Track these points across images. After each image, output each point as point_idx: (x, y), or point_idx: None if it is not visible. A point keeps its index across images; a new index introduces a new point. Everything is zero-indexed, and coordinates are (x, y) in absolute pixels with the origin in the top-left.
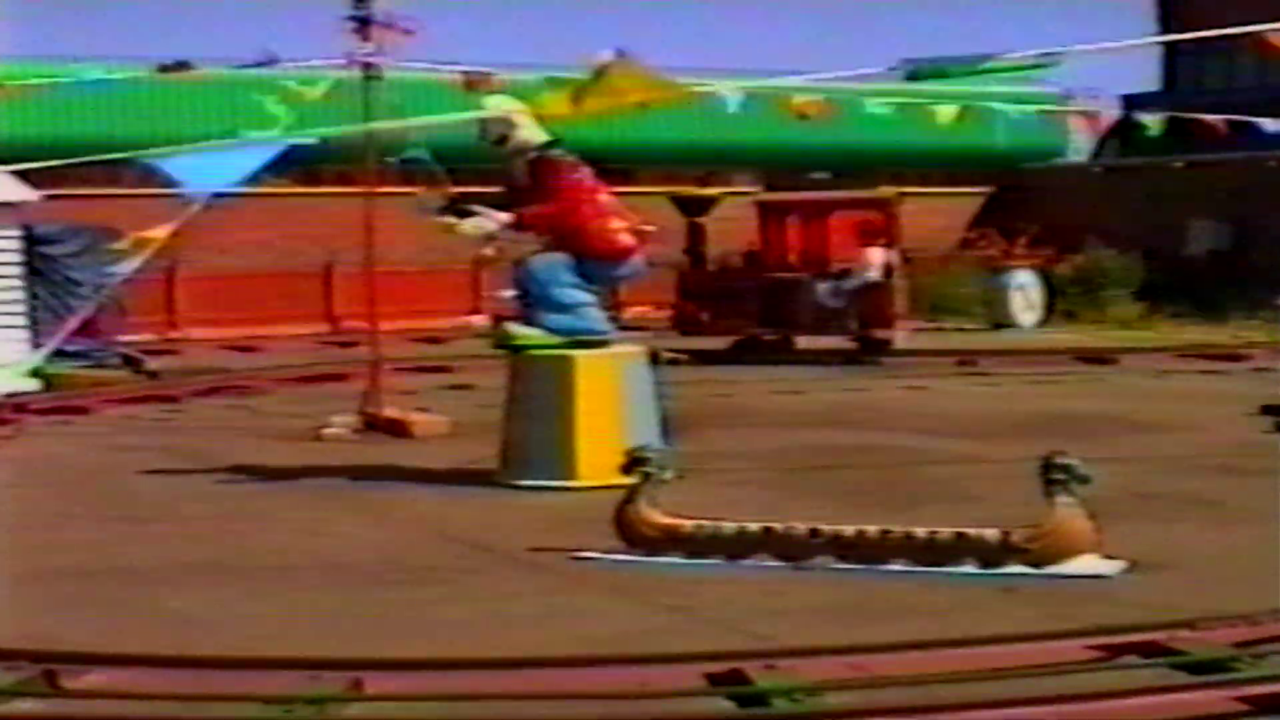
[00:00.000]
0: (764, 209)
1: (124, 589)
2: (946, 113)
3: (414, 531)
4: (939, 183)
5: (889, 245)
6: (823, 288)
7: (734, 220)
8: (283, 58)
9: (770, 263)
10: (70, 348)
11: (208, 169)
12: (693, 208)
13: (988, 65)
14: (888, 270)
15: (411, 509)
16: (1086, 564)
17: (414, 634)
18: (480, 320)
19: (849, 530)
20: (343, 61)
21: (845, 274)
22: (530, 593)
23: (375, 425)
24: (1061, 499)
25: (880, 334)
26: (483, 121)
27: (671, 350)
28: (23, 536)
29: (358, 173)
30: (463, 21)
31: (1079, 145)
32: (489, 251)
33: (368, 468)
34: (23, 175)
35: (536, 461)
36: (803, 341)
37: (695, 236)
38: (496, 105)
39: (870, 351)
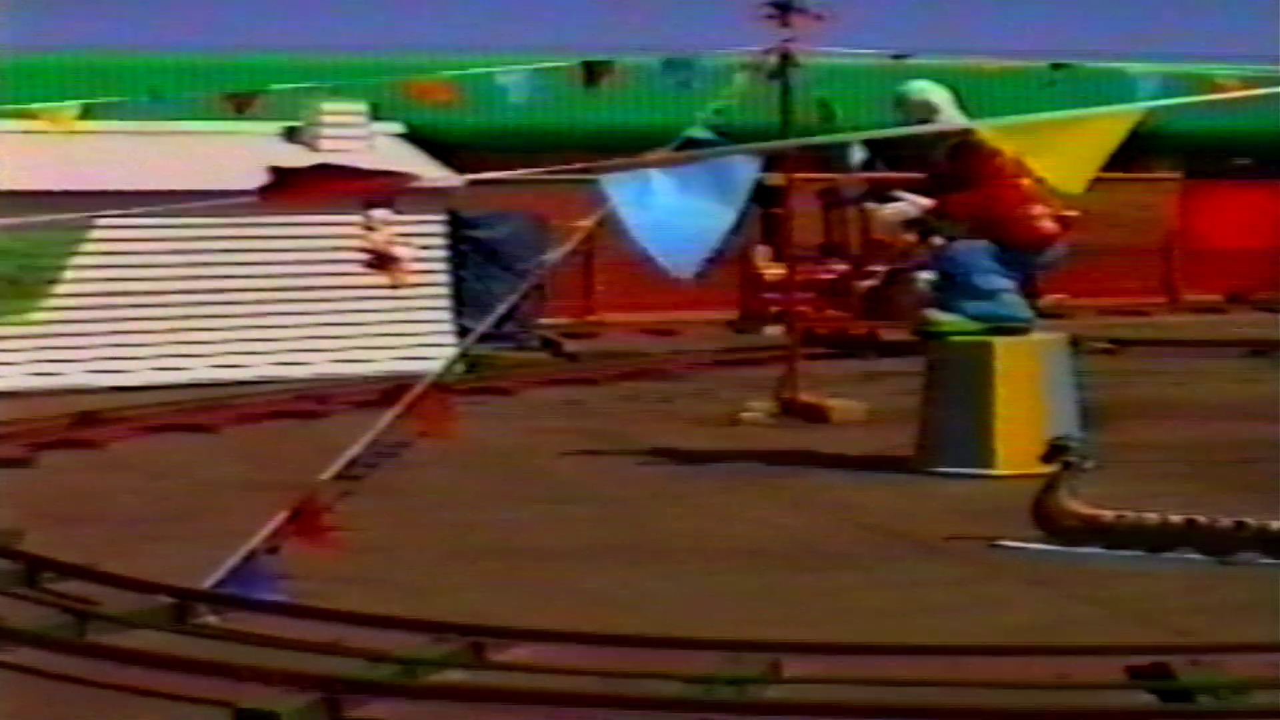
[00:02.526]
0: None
1: (542, 567)
2: None
3: (829, 517)
4: None
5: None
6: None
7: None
8: (700, 46)
9: (835, 253)
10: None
11: (673, 215)
12: (764, 198)
13: None
14: None
15: (827, 494)
16: None
17: (830, 618)
18: None
19: (1276, 525)
20: (758, 49)
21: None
22: (946, 580)
23: (792, 410)
24: None
25: None
26: (904, 107)
27: (1102, 341)
28: (446, 515)
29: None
30: (879, 5)
31: None
32: (909, 238)
33: (784, 453)
34: (450, 163)
35: (954, 449)
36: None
37: (771, 227)
38: (919, 90)
39: None
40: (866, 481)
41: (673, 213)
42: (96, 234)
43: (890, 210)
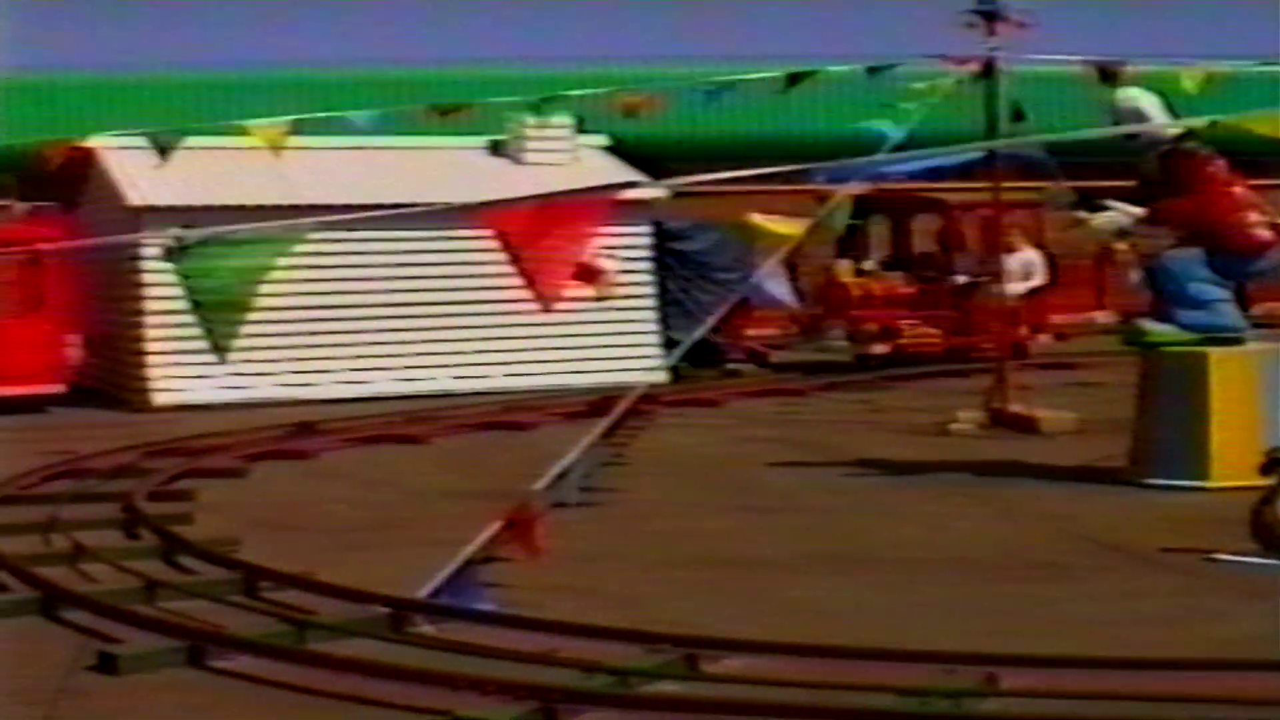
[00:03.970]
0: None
1: (753, 577)
2: None
3: (1040, 528)
4: None
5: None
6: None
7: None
8: (903, 54)
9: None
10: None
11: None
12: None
13: None
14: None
15: (1038, 505)
16: None
17: (1043, 630)
18: (1105, 317)
19: None
20: (962, 57)
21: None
22: (1161, 592)
23: (1001, 421)
24: None
25: (1042, 339)
26: (1115, 114)
27: None
28: (656, 524)
29: (980, 171)
30: (1084, 12)
31: None
32: (1121, 246)
33: (993, 463)
34: (656, 175)
35: (1168, 460)
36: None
37: (851, 239)
38: (1129, 97)
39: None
40: (1078, 492)
41: None
42: (316, 247)
43: (1102, 219)
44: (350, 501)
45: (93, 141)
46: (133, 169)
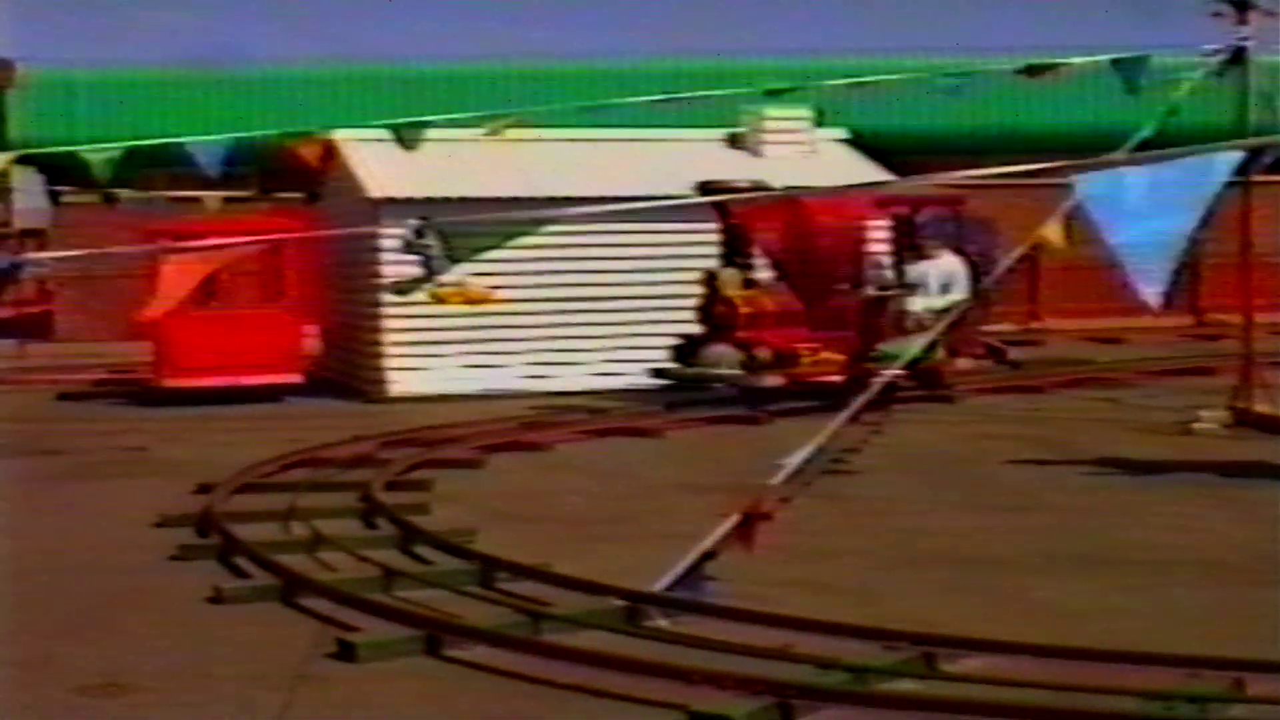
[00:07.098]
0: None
1: (992, 576)
2: None
3: None
4: None
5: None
6: (922, 305)
7: None
8: (1149, 45)
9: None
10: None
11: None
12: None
13: None
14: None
15: None
16: None
17: None
18: None
19: None
20: (1210, 47)
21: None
22: None
23: (1246, 421)
24: None
25: (961, 364)
26: None
27: None
28: (894, 520)
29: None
30: None
31: None
32: None
33: (1238, 463)
34: (888, 165)
35: None
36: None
37: (735, 239)
38: None
39: (928, 385)
40: None
41: (1144, 216)
42: (554, 240)
43: None
44: (585, 493)
45: (334, 135)
46: (373, 161)
